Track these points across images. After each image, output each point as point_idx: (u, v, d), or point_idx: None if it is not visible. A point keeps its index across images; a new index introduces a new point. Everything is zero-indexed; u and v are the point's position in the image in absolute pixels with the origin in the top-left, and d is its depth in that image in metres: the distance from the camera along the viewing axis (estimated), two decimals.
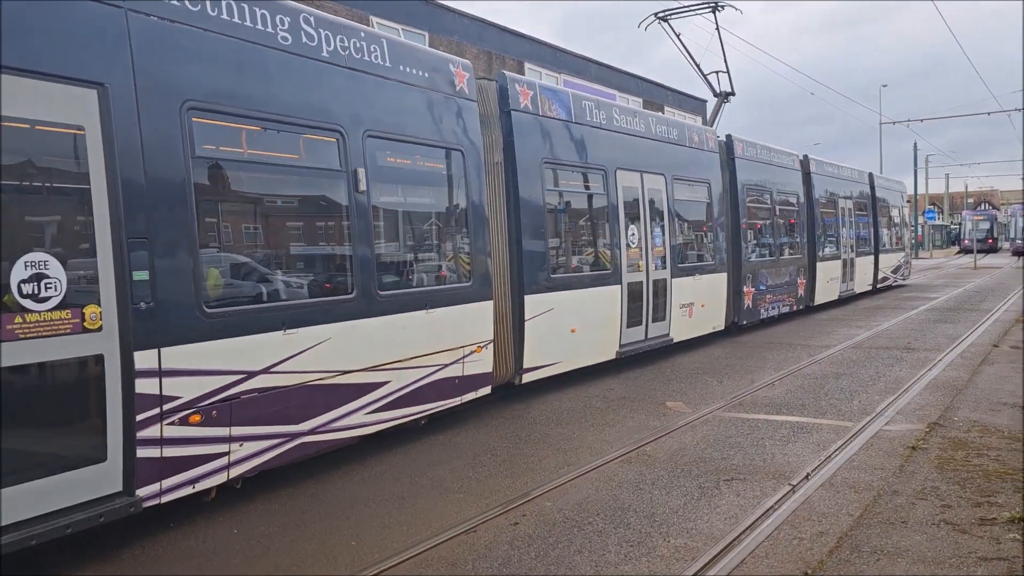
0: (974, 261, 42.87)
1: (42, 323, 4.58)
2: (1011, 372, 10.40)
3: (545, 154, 9.88)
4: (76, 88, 4.83)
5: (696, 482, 6.22)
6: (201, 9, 5.68)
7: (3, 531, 4.37)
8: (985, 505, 5.49)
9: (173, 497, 5.40)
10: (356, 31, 7.18)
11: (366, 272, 6.99)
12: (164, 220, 5.32)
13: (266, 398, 6.01)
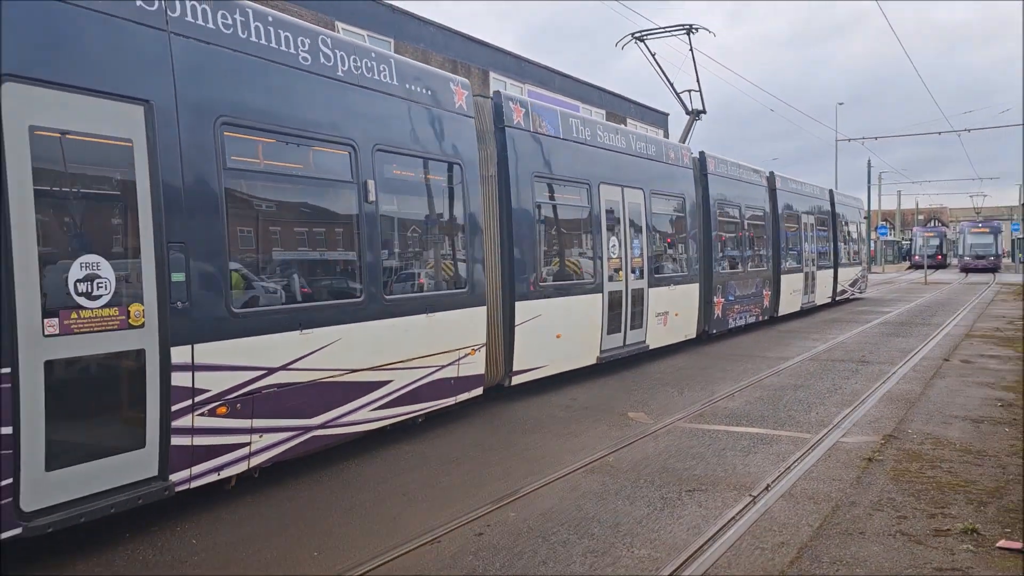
0: (925, 276, 43.96)
1: (93, 319, 5.01)
2: (961, 386, 10.67)
3: (535, 168, 10.40)
4: (125, 104, 5.28)
5: (659, 492, 6.27)
6: (233, 31, 6.15)
7: (55, 509, 4.80)
8: (939, 516, 5.62)
9: (201, 483, 5.80)
10: (368, 51, 7.70)
11: (373, 277, 7.46)
12: (199, 226, 5.76)
13: (284, 393, 6.44)
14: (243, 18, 6.24)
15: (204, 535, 5.53)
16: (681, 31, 16.43)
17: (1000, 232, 56.81)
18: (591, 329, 11.52)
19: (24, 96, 4.73)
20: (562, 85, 27.92)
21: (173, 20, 5.68)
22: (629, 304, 12.45)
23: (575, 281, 11.32)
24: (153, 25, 5.52)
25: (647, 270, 13.04)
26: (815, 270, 22.62)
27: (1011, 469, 6.74)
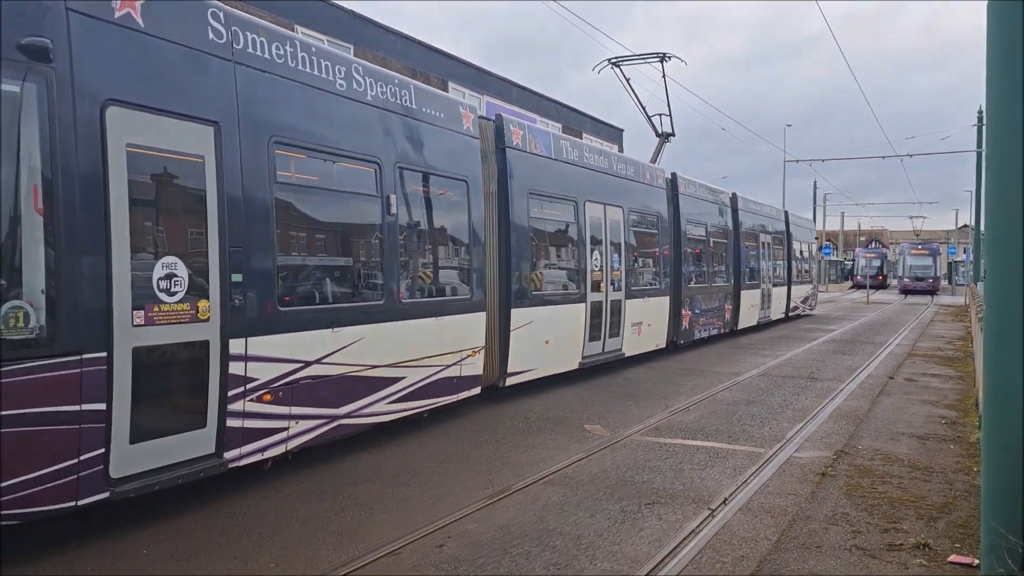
0: (867, 296, 45.12)
1: (170, 312, 5.74)
2: (907, 403, 10.95)
3: (530, 186, 11.24)
4: (199, 125, 6.03)
5: (619, 505, 6.29)
6: (284, 61, 6.94)
7: (135, 478, 5.49)
8: (892, 531, 5.75)
9: (249, 461, 6.49)
10: (391, 78, 8.50)
11: (392, 282, 8.26)
12: (253, 233, 6.49)
13: (317, 384, 7.20)
14: (292, 49, 7.06)
15: (157, 544, 5.38)
16: (655, 59, 17.35)
17: (939, 254, 57.61)
18: (575, 336, 12.32)
19: (122, 118, 5.45)
20: (520, 97, 28.04)
21: (237, 51, 6.46)
22: (608, 314, 13.29)
23: (562, 291, 12.13)
24: (221, 56, 6.29)
25: (625, 283, 13.90)
26: (771, 287, 23.91)
27: (958, 485, 6.92)
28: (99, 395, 5.22)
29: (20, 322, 4.89)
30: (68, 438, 5.10)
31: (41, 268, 4.99)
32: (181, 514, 5.99)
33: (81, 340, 5.15)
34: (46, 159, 5.01)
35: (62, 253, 5.06)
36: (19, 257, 4.97)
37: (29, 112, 4.98)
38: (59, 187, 5.06)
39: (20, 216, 4.96)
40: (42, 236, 4.99)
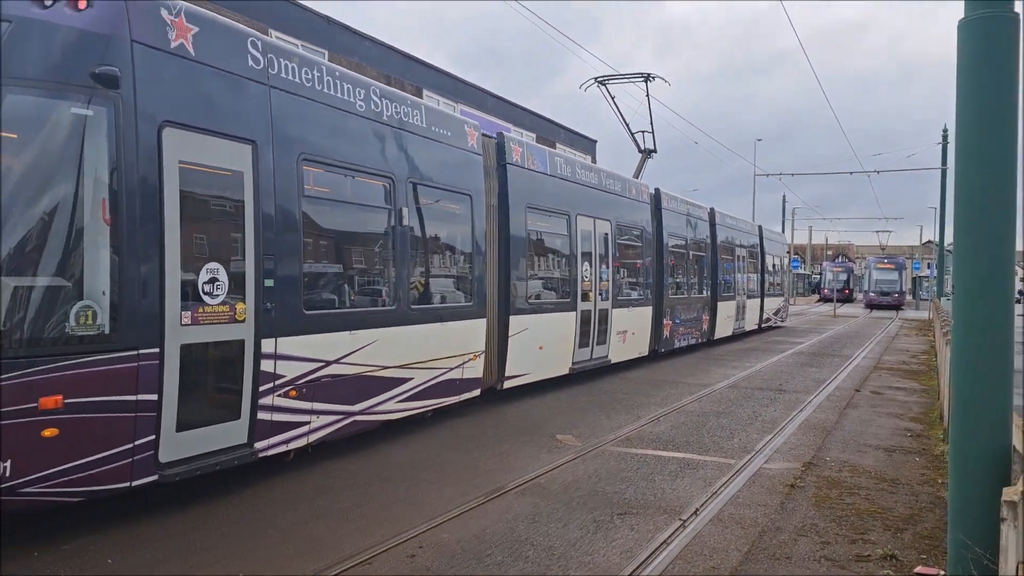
0: (834, 309, 45.76)
1: (212, 313, 6.30)
2: (873, 416, 11.10)
3: (528, 200, 11.84)
4: (239, 144, 6.63)
5: (591, 515, 6.29)
6: (311, 84, 7.55)
7: (179, 463, 6.02)
8: (860, 542, 5.81)
9: (275, 452, 7.04)
10: (404, 99, 9.11)
11: (403, 289, 8.84)
12: (284, 242, 7.06)
13: (335, 382, 7.75)
14: (318, 73, 7.66)
15: (126, 552, 5.28)
16: (639, 79, 18.02)
17: (904, 269, 57.07)
18: (566, 343, 12.96)
19: (176, 138, 6.03)
20: (495, 107, 28.09)
21: (272, 76, 7.05)
22: (596, 323, 13.97)
23: (555, 300, 12.74)
24: (259, 80, 6.89)
25: (612, 293, 14.61)
26: (745, 299, 24.77)
27: (923, 497, 7.02)
28: (152, 387, 5.78)
29: (88, 320, 5.47)
30: (125, 425, 5.65)
31: (106, 272, 5.56)
32: (152, 519, 5.88)
33: (138, 337, 5.71)
34: (112, 174, 5.61)
35: (124, 259, 5.63)
36: (88, 262, 5.52)
37: (99, 132, 5.56)
38: (122, 199, 5.63)
39: (90, 225, 5.53)
40: (108, 243, 5.57)
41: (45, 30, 5.49)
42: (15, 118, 5.33)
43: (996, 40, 4.32)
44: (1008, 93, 4.29)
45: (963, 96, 4.43)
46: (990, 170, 4.29)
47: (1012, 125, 4.29)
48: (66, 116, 5.47)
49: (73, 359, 5.31)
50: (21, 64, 5.38)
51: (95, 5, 5.63)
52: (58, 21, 5.51)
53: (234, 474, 7.03)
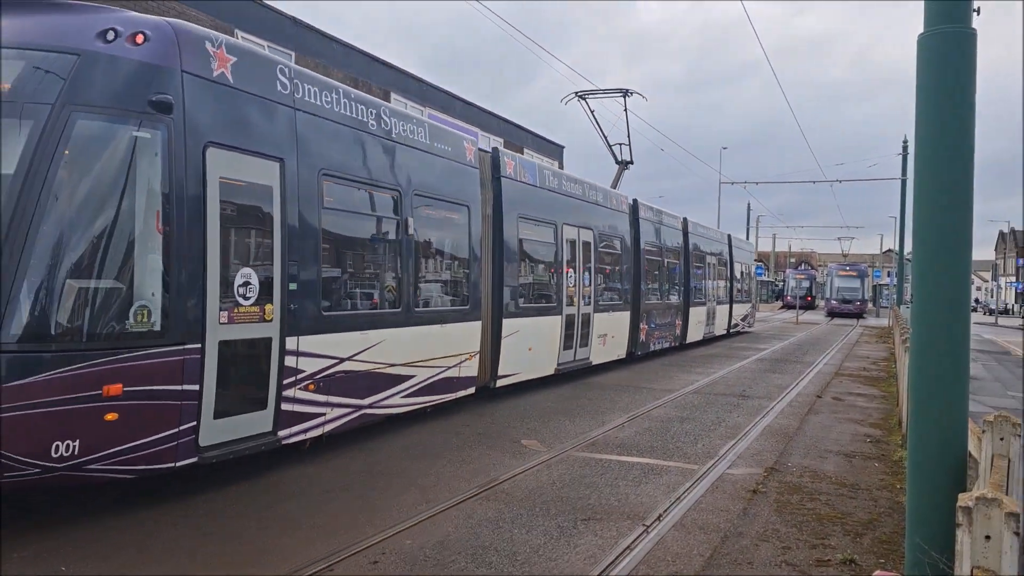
0: (796, 316, 46.35)
1: (245, 313, 6.96)
2: (834, 422, 11.26)
3: (519, 210, 12.60)
4: (270, 161, 7.34)
5: (555, 521, 6.29)
6: (331, 106, 8.28)
7: (215, 447, 6.64)
8: (820, 547, 5.87)
9: (296, 440, 7.68)
10: (411, 118, 9.90)
11: (408, 292, 9.57)
12: (306, 249, 7.74)
13: (348, 378, 8.44)
14: (336, 96, 8.39)
15: (78, 561, 5.15)
16: (618, 94, 18.98)
17: (866, 276, 56.92)
18: (552, 345, 13.72)
19: (217, 156, 6.71)
20: (463, 111, 28.06)
21: (297, 99, 7.78)
22: (580, 326, 14.76)
23: (543, 304, 13.50)
24: (286, 104, 7.62)
25: (593, 298, 15.41)
26: (715, 305, 25.81)
27: (882, 502, 7.13)
28: (195, 378, 6.41)
29: (144, 318, 6.14)
30: (172, 411, 6.28)
31: (159, 275, 6.22)
32: (100, 527, 5.76)
33: (184, 333, 6.36)
34: (165, 189, 6.28)
35: (174, 264, 6.28)
36: (144, 266, 6.19)
37: (155, 152, 6.25)
38: (173, 211, 6.29)
39: (146, 234, 6.19)
40: (160, 250, 6.22)
41: (109, 62, 6.19)
42: (84, 139, 6.01)
43: (954, 55, 4.40)
44: (965, 106, 4.37)
45: (922, 108, 4.51)
46: (947, 181, 4.37)
47: (968, 137, 4.37)
48: (127, 138, 6.18)
49: (131, 352, 6.01)
50: (89, 92, 6.07)
51: (151, 40, 6.32)
52: (120, 54, 6.21)
53: (194, 481, 6.92)
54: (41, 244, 5.70)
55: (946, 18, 4.45)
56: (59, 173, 5.84)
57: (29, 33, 6.21)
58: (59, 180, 5.83)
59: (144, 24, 6.39)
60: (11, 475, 5.46)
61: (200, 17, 15.77)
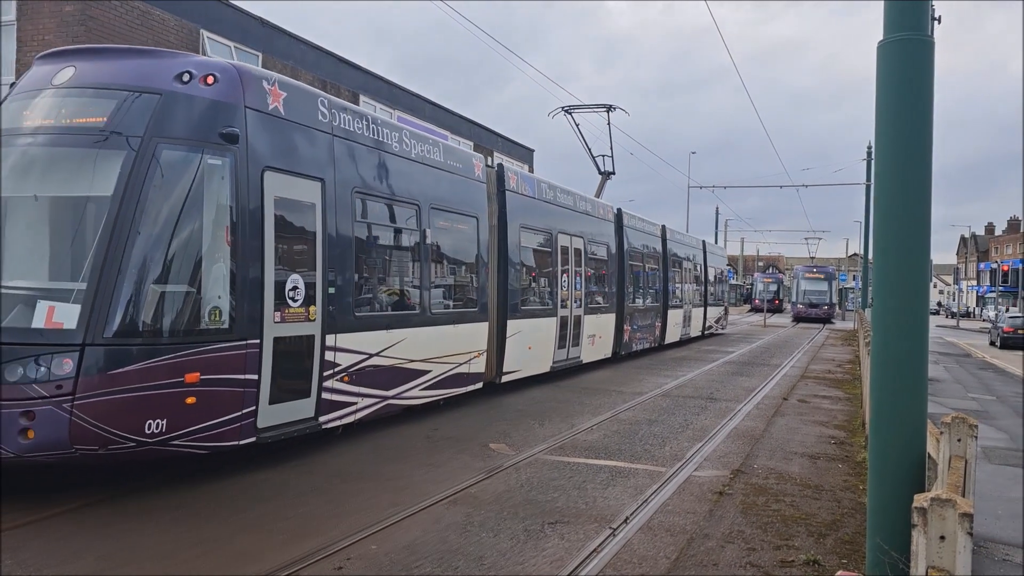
0: (764, 320, 46.83)
1: (294, 314, 7.95)
2: (799, 424, 11.39)
3: (521, 220, 13.79)
4: (313, 181, 8.37)
5: (522, 524, 6.28)
6: (361, 131, 9.33)
7: (270, 429, 7.61)
8: (784, 548, 5.93)
9: (332, 425, 8.66)
10: (427, 139, 11.06)
11: (426, 296, 10.63)
12: (342, 258, 8.77)
13: (376, 371, 9.43)
14: (366, 122, 9.48)
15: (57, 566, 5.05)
16: (602, 109, 20.25)
17: (834, 278, 54.86)
18: (549, 344, 14.84)
19: (272, 178, 7.73)
20: (433, 114, 27.98)
21: (335, 126, 8.83)
22: (572, 327, 15.90)
23: (541, 307, 14.63)
24: (325, 131, 8.67)
25: (584, 301, 16.58)
26: (691, 308, 27.11)
27: (845, 503, 7.22)
28: (255, 368, 7.39)
29: (216, 317, 7.14)
30: (238, 396, 7.26)
31: (228, 280, 7.22)
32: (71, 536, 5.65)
33: (247, 330, 7.34)
34: (232, 207, 7.28)
35: (239, 270, 7.29)
36: (217, 272, 7.19)
37: (224, 176, 7.26)
38: (238, 226, 7.29)
39: (218, 245, 7.20)
40: (229, 259, 7.23)
41: (186, 100, 7.21)
42: (167, 166, 6.98)
43: (912, 62, 4.48)
44: (923, 112, 4.45)
45: (881, 115, 4.58)
46: (906, 186, 4.44)
47: (926, 143, 4.45)
48: (201, 164, 7.15)
49: (206, 346, 6.99)
50: (170, 126, 7.09)
51: (220, 80, 7.36)
52: (194, 93, 7.24)
53: (165, 485, 6.82)
54: (134, 255, 6.67)
55: (905, 26, 4.52)
56: (148, 195, 6.82)
57: (119, 75, 7.30)
58: (147, 200, 6.81)
59: (214, 67, 7.46)
60: (113, 447, 6.43)
61: (166, 18, 15.57)
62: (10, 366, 6.25)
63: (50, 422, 6.18)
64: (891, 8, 4.61)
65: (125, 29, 14.16)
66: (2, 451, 6.14)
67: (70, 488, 6.88)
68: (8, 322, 6.49)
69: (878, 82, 4.63)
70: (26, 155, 7.15)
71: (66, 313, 6.46)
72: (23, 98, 7.46)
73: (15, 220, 7.09)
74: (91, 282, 6.53)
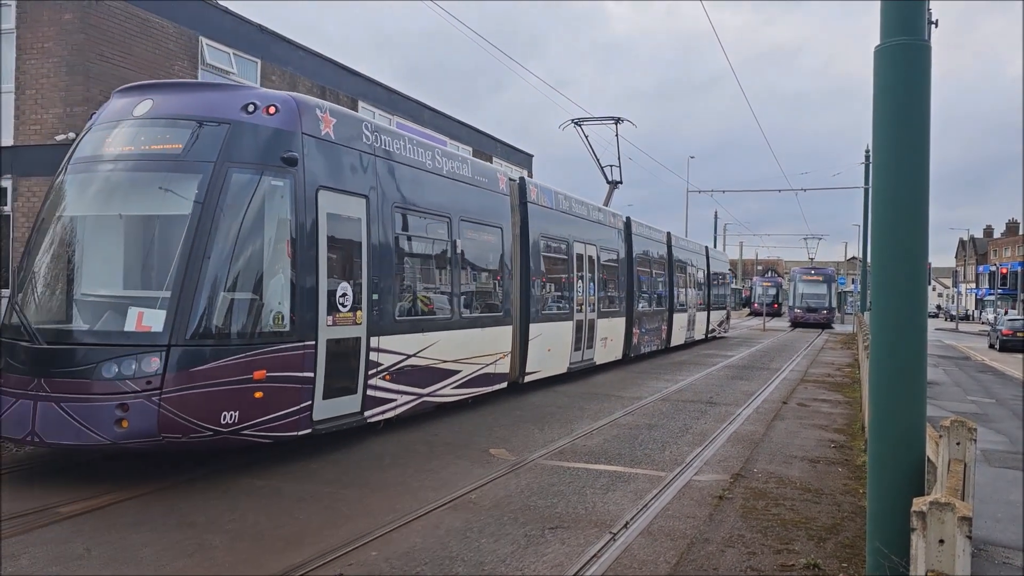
0: (763, 323, 46.82)
1: (343, 318, 8.80)
2: (799, 428, 11.38)
3: (540, 230, 14.68)
4: (359, 198, 9.25)
5: (522, 530, 6.28)
6: (399, 151, 10.16)
7: (323, 422, 8.45)
8: (784, 552, 5.93)
9: (375, 419, 9.49)
10: (457, 156, 12.04)
11: (457, 302, 11.49)
12: (383, 267, 9.61)
13: (413, 371, 10.23)
14: (403, 143, 10.35)
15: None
16: (611, 121, 21.18)
17: (833, 281, 51.47)
18: (566, 347, 15.74)
19: (325, 196, 8.59)
20: (432, 120, 28.00)
21: (377, 148, 9.67)
22: (587, 330, 16.80)
23: (559, 311, 15.49)
24: (369, 152, 9.52)
25: (597, 306, 17.46)
26: (695, 312, 27.96)
27: (845, 507, 7.22)
28: (311, 367, 8.23)
29: (279, 321, 8.01)
30: (297, 392, 8.10)
31: (288, 288, 8.07)
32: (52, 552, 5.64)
33: (305, 333, 8.17)
34: (292, 223, 8.14)
35: (298, 279, 8.14)
36: (280, 281, 8.07)
37: (285, 196, 8.13)
38: (297, 240, 8.14)
39: (279, 258, 8.04)
40: (289, 269, 8.09)
41: (252, 129, 8.05)
42: (236, 187, 7.78)
43: (909, 67, 4.49)
44: (919, 116, 4.46)
45: (878, 118, 4.60)
46: (903, 189, 4.45)
47: (923, 146, 4.46)
48: (266, 185, 8.00)
49: (271, 347, 7.83)
50: (238, 151, 7.91)
51: (280, 111, 8.21)
52: (259, 123, 8.08)
53: (159, 493, 6.80)
54: (210, 266, 7.46)
55: (902, 30, 4.54)
56: (220, 213, 7.60)
57: (192, 107, 8.13)
58: (220, 218, 7.60)
59: (275, 98, 8.29)
60: (194, 436, 7.24)
61: (165, 26, 15.58)
62: (106, 364, 7.07)
63: (141, 413, 7.00)
64: (887, 12, 4.63)
65: (125, 37, 14.17)
66: (100, 438, 6.94)
67: (80, 487, 6.88)
68: (100, 326, 7.45)
69: (875, 87, 4.64)
70: (110, 179, 8.03)
71: (153, 318, 7.31)
72: (105, 128, 8.26)
73: (101, 236, 8.11)
74: (174, 290, 7.35)
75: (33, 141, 13.66)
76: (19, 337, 7.46)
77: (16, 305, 7.76)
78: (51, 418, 7.00)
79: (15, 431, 7.15)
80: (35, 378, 7.15)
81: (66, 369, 7.13)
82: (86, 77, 13.37)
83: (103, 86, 13.65)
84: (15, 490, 7.04)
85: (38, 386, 7.11)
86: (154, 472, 7.75)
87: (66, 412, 6.97)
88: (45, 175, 13.63)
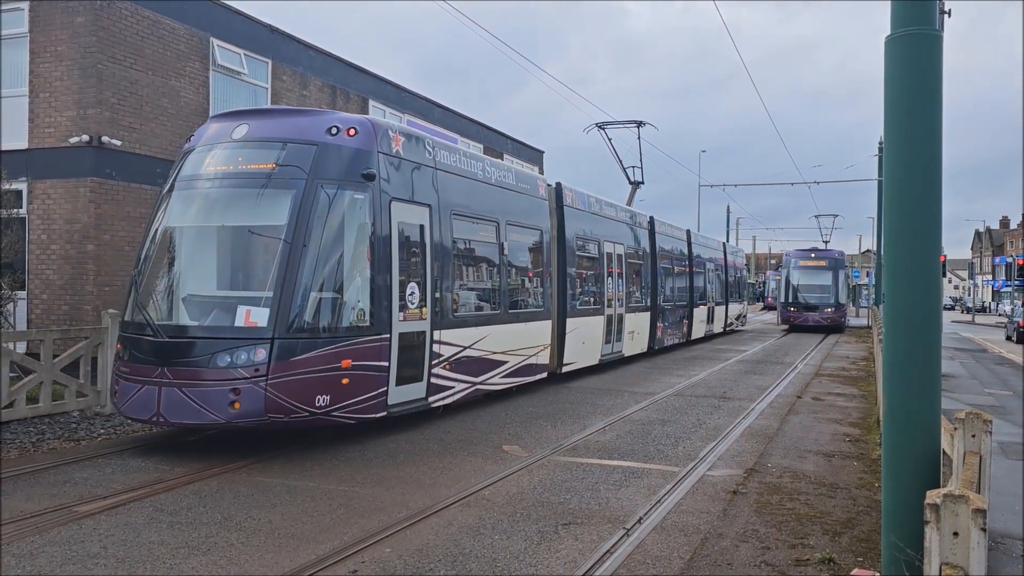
0: (777, 318, 46.56)
1: (411, 313, 9.84)
2: (813, 422, 11.33)
3: (575, 231, 15.82)
4: (422, 207, 10.32)
5: (535, 526, 6.28)
6: (454, 163, 11.29)
7: (396, 406, 9.53)
8: (799, 547, 5.90)
9: (436, 405, 10.52)
10: (502, 165, 13.47)
11: (504, 298, 12.65)
12: (443, 268, 10.68)
13: (468, 361, 11.32)
14: (457, 156, 11.55)
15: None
16: (633, 124, 22.20)
17: (843, 267, 36.80)
18: (598, 340, 16.84)
19: (396, 207, 9.64)
20: (442, 117, 27.99)
21: (436, 161, 10.79)
22: (616, 324, 17.93)
23: (592, 307, 16.63)
24: (429, 165, 10.61)
25: (625, 301, 18.56)
26: (714, 306, 28.88)
27: (860, 501, 7.18)
28: (386, 357, 9.33)
29: (362, 316, 9.07)
30: (375, 379, 9.17)
31: (368, 288, 9.16)
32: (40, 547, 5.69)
33: (381, 327, 9.24)
34: (371, 231, 9.23)
35: (375, 280, 9.21)
36: (363, 282, 9.14)
37: (365, 207, 9.21)
38: (374, 246, 9.21)
39: (359, 262, 9.11)
40: (368, 270, 9.15)
41: (336, 149, 9.11)
42: (324, 200, 8.81)
43: (920, 56, 4.45)
44: (931, 107, 4.42)
45: (890, 110, 4.56)
46: (916, 180, 4.41)
47: (935, 137, 4.42)
48: (349, 199, 9.10)
49: (355, 339, 8.91)
50: (325, 169, 8.95)
51: (359, 132, 9.27)
52: (341, 143, 9.15)
53: (172, 491, 6.84)
54: (304, 269, 8.51)
55: (912, 20, 4.50)
56: (312, 223, 8.62)
57: (283, 130, 9.24)
58: (312, 227, 8.62)
59: (354, 121, 9.36)
60: (294, 416, 8.28)
61: (176, 28, 15.65)
62: (220, 355, 8.14)
63: (251, 396, 8.04)
64: (898, 3, 4.58)
65: (136, 39, 14.25)
66: (216, 418, 8.01)
67: (95, 487, 6.93)
68: (213, 321, 8.58)
69: (886, 77, 4.60)
70: (211, 194, 9.17)
71: (259, 315, 8.37)
72: (206, 149, 9.37)
73: (207, 245, 9.23)
74: (276, 290, 8.40)
75: (48, 144, 13.75)
76: (142, 332, 8.54)
77: (139, 305, 8.82)
78: (174, 401, 8.05)
79: (141, 412, 8.23)
80: (159, 367, 8.20)
81: (186, 359, 8.21)
82: (98, 79, 13.45)
83: (115, 88, 13.74)
84: (31, 490, 7.10)
85: (162, 374, 8.17)
86: (168, 472, 7.80)
87: (187, 396, 8.04)
88: (60, 177, 13.76)
